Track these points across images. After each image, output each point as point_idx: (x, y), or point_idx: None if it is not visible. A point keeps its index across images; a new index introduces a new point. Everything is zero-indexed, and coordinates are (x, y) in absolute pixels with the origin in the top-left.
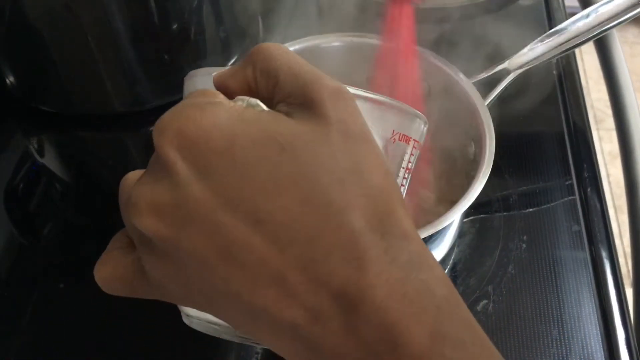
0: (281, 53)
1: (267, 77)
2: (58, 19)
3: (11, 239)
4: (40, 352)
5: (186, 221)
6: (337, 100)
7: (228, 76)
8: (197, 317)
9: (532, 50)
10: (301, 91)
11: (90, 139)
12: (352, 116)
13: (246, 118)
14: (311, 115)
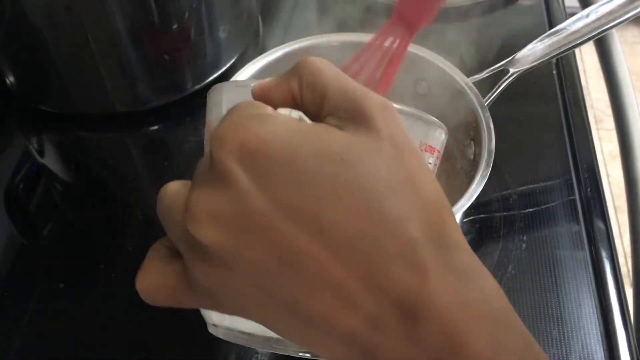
0: (328, 68)
1: (314, 91)
2: (58, 19)
3: (11, 239)
4: (40, 352)
5: (248, 231)
6: (386, 114)
7: (271, 88)
8: (227, 327)
9: (532, 50)
10: (351, 106)
11: (90, 139)
12: (399, 130)
13: (303, 130)
14: (363, 129)
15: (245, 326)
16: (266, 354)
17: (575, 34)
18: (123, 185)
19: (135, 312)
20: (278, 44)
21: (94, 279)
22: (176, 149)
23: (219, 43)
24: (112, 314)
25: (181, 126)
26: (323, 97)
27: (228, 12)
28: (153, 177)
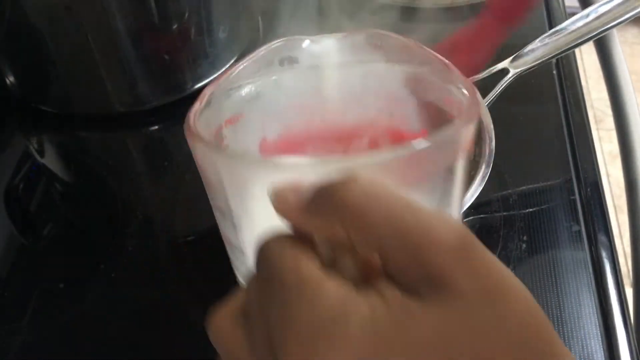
0: (375, 204)
1: (365, 244)
2: (58, 19)
3: (11, 239)
4: (40, 352)
5: None
6: (465, 262)
7: (307, 225)
8: None
9: (532, 50)
10: (417, 262)
11: (90, 139)
12: (487, 271)
13: (381, 326)
14: (445, 296)
15: None
16: None
17: (575, 34)
18: (123, 185)
19: (135, 312)
20: None
21: (94, 279)
22: (176, 149)
23: (219, 43)
24: (112, 314)
25: (181, 126)
26: (377, 248)
27: (228, 12)
28: (153, 177)
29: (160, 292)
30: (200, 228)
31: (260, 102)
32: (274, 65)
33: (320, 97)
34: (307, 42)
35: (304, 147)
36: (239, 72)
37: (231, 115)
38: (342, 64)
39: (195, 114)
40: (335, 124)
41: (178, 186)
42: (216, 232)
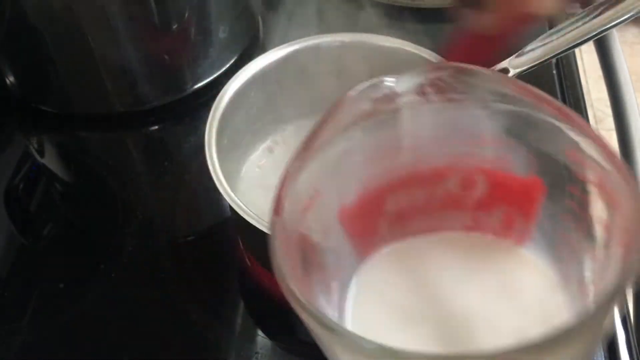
0: None
1: None
2: (58, 19)
3: (11, 239)
4: (40, 352)
5: None
6: None
7: None
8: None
9: (532, 50)
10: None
11: (90, 139)
12: None
13: None
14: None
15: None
16: (266, 353)
17: (575, 34)
18: (123, 185)
19: (135, 312)
20: (278, 44)
21: (94, 279)
22: (176, 149)
23: (219, 43)
24: (112, 314)
25: (181, 126)
26: None
27: (228, 12)
28: (153, 177)
29: (160, 292)
30: (200, 228)
31: (336, 170)
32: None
33: (401, 144)
34: (389, 81)
35: (385, 201)
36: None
37: (306, 201)
38: (427, 104)
39: (292, 272)
40: (418, 169)
41: (178, 186)
42: (216, 232)
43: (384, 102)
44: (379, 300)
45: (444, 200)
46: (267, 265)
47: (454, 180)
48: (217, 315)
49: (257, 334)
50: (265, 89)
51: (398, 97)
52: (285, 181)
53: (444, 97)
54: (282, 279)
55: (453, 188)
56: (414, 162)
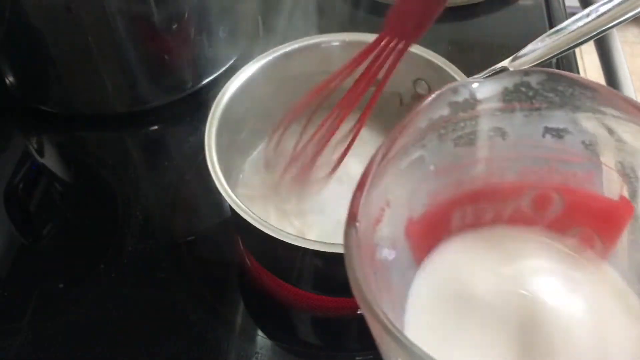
0: None
1: None
2: (58, 19)
3: (11, 239)
4: (40, 352)
5: None
6: None
7: None
8: None
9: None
10: None
11: (90, 139)
12: None
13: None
14: None
15: None
16: (266, 353)
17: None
18: (123, 185)
19: (135, 312)
20: (278, 44)
21: (94, 279)
22: (176, 149)
23: (219, 43)
24: (112, 314)
25: (181, 126)
26: None
27: (228, 12)
28: (153, 177)
29: (160, 292)
30: (200, 228)
31: (408, 179)
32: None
33: (476, 155)
34: (471, 85)
35: (451, 216)
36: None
37: (378, 212)
38: (509, 112)
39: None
40: (490, 183)
41: (178, 186)
42: (216, 232)
43: (463, 108)
44: (438, 308)
45: (513, 218)
46: (267, 265)
47: (528, 197)
48: (217, 315)
49: (257, 334)
50: (265, 89)
51: (479, 103)
52: (360, 190)
53: (529, 105)
54: (359, 290)
55: (525, 205)
56: (487, 175)
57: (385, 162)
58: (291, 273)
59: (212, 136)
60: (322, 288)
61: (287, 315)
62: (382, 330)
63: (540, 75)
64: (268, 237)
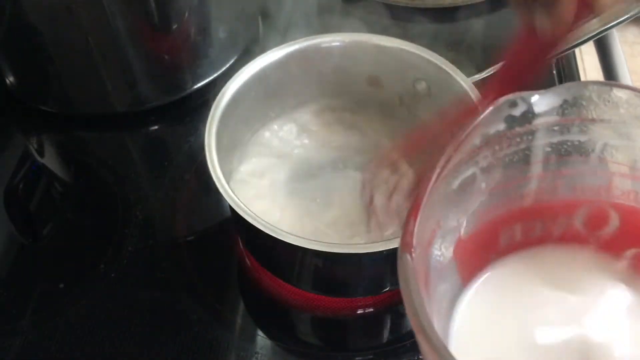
0: None
1: None
2: (58, 19)
3: (11, 239)
4: (40, 352)
5: None
6: None
7: None
8: None
9: None
10: None
11: (90, 139)
12: None
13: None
14: None
15: None
16: (266, 353)
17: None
18: (123, 185)
19: (135, 312)
20: (278, 44)
21: (94, 279)
22: (176, 149)
23: (219, 43)
24: (112, 314)
25: (181, 126)
26: None
27: (228, 12)
28: (153, 177)
29: (160, 292)
30: (200, 228)
31: (459, 198)
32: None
33: (529, 171)
34: (529, 98)
35: (499, 234)
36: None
37: (430, 234)
38: (566, 125)
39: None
40: (541, 200)
41: (178, 186)
42: (216, 232)
43: (520, 123)
44: (483, 333)
45: (564, 236)
46: (266, 265)
47: (581, 215)
48: (217, 315)
49: (257, 334)
50: (265, 89)
51: (536, 117)
52: (414, 215)
53: (589, 119)
54: (416, 317)
55: (578, 223)
56: (539, 191)
57: (438, 184)
58: (291, 273)
59: (212, 136)
60: (322, 288)
61: (287, 315)
62: (434, 352)
63: (601, 88)
64: (268, 237)
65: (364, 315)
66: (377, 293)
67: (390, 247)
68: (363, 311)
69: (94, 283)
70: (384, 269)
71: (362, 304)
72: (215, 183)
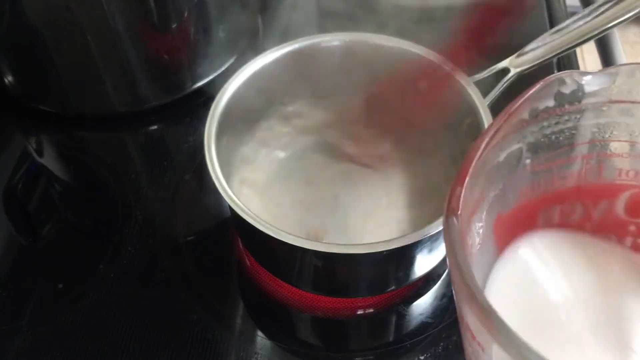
0: None
1: None
2: (58, 19)
3: (11, 239)
4: (40, 352)
5: None
6: None
7: None
8: None
9: (533, 50)
10: None
11: (90, 139)
12: None
13: None
14: None
15: None
16: (266, 354)
17: (576, 33)
18: (123, 185)
19: (135, 312)
20: (278, 44)
21: (94, 279)
22: (176, 148)
23: (219, 43)
24: (112, 314)
25: (181, 126)
26: None
27: (228, 12)
28: (153, 177)
29: (160, 292)
30: (200, 228)
31: (503, 171)
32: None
33: (573, 151)
34: (581, 77)
35: (537, 214)
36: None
37: (474, 204)
38: (615, 105)
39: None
40: (583, 182)
41: (178, 186)
42: (216, 232)
43: (569, 101)
44: (514, 305)
45: (603, 222)
46: (266, 265)
47: (622, 201)
48: (217, 315)
49: (256, 334)
50: (265, 89)
51: (585, 96)
52: (462, 179)
53: (636, 100)
54: (461, 279)
55: (618, 210)
56: (582, 173)
57: (487, 152)
58: (291, 273)
59: (212, 136)
60: (322, 288)
61: (287, 316)
62: (484, 318)
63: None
64: (268, 237)
65: (364, 316)
66: (378, 293)
67: (390, 247)
68: (363, 312)
69: (94, 283)
70: (385, 269)
71: (363, 305)
72: (215, 183)
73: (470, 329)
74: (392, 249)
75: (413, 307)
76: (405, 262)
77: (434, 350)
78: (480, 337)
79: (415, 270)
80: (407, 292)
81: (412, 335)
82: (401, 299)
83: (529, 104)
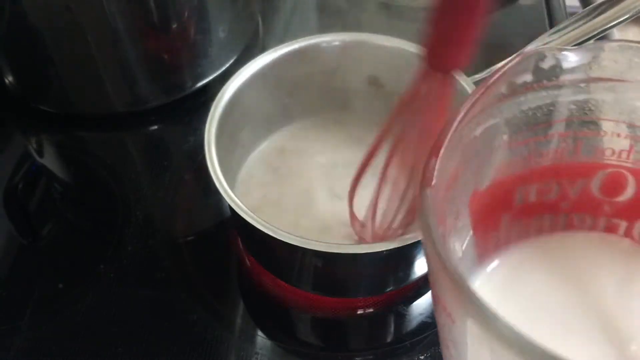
0: None
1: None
2: (58, 19)
3: (11, 239)
4: (40, 352)
5: None
6: None
7: None
8: None
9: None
10: None
11: (90, 139)
12: None
13: None
14: None
15: None
16: (266, 353)
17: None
18: (123, 185)
19: (135, 312)
20: (278, 44)
21: (94, 279)
22: (176, 149)
23: (219, 43)
24: (112, 314)
25: (181, 126)
26: None
27: (228, 12)
28: (153, 177)
29: (160, 292)
30: (200, 228)
31: (478, 148)
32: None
33: (550, 129)
34: (559, 52)
35: (514, 193)
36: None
37: (449, 179)
38: (593, 83)
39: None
40: (559, 161)
41: (178, 186)
42: (216, 232)
43: (548, 77)
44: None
45: (578, 202)
46: (266, 265)
47: (597, 180)
48: (217, 315)
49: (256, 334)
50: (265, 89)
51: (563, 72)
52: (435, 152)
53: (618, 79)
54: (435, 250)
55: (593, 188)
56: (558, 151)
57: (463, 124)
58: (291, 273)
59: (212, 136)
60: (322, 288)
61: (287, 316)
62: (455, 288)
63: (634, 50)
64: (268, 237)
65: (364, 316)
66: (378, 293)
67: (390, 247)
68: (363, 311)
69: (94, 283)
70: (384, 269)
71: (363, 304)
72: (215, 183)
73: (442, 301)
74: (392, 249)
75: (413, 307)
76: (405, 262)
77: (434, 350)
78: (451, 307)
79: (415, 270)
80: (407, 292)
81: (412, 335)
82: (401, 299)
83: (507, 77)
